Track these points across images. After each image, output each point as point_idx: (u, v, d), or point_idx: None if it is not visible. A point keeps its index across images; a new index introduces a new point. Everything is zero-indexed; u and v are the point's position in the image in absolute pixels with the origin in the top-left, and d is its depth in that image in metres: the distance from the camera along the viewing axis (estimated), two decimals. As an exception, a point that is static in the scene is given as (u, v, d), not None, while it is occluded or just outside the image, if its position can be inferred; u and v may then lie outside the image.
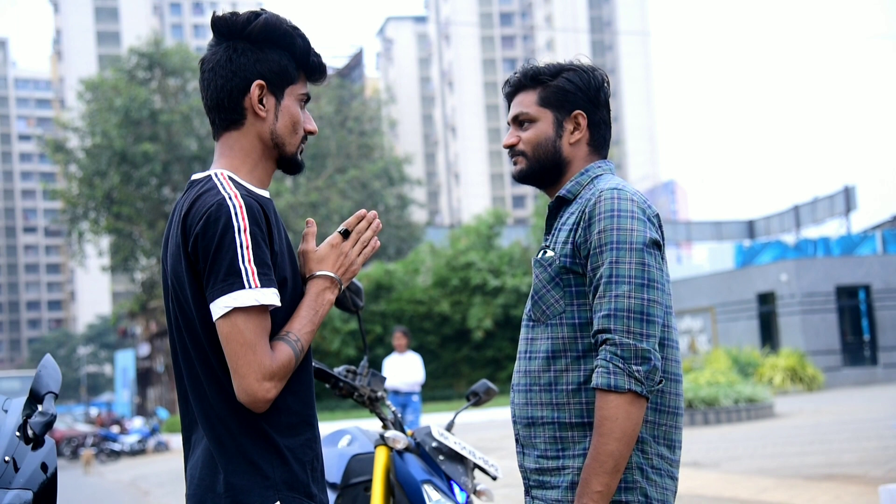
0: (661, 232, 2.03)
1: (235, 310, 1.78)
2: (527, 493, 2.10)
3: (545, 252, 2.09)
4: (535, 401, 2.05)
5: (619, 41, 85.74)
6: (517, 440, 2.12)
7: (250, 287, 1.78)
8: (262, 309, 1.81)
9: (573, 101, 2.14)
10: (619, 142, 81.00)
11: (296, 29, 1.97)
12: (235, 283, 1.78)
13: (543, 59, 2.25)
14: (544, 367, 2.03)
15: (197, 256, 1.83)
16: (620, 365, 1.88)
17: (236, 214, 1.81)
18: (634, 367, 1.87)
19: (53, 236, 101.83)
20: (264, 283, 1.80)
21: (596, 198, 2.00)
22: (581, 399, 1.99)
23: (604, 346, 1.91)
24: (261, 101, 1.94)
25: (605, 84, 2.17)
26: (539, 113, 2.14)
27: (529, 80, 2.17)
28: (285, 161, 2.00)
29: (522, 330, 2.13)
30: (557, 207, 2.14)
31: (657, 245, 1.98)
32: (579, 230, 2.01)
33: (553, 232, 2.12)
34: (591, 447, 1.91)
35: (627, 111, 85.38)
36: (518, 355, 2.13)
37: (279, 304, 1.84)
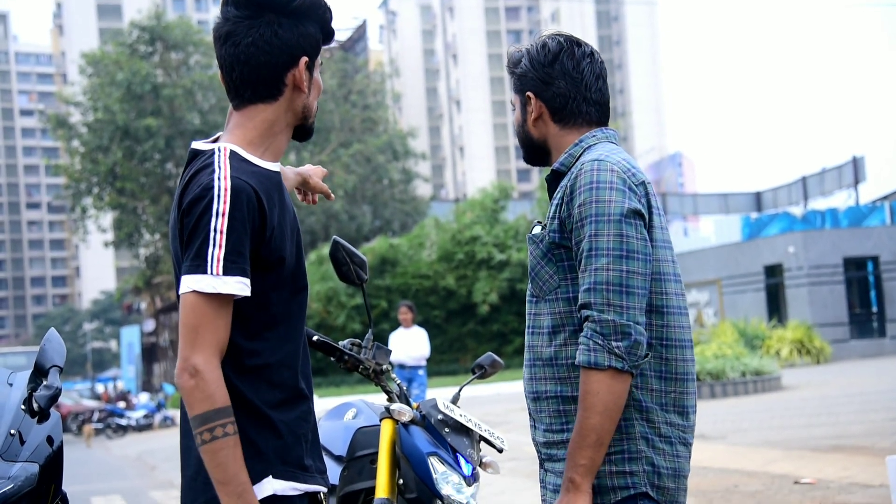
0: (649, 199, 2.01)
1: (194, 291, 1.79)
2: (541, 465, 2.12)
3: (536, 228, 2.10)
4: (538, 375, 2.07)
5: (625, 11, 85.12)
6: (529, 414, 2.15)
7: (211, 274, 1.78)
8: (220, 297, 1.80)
9: (524, 82, 2.16)
10: (626, 113, 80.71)
11: (326, 3, 1.98)
12: (200, 266, 1.79)
13: (548, 31, 2.21)
14: (546, 342, 2.05)
15: (182, 233, 1.85)
16: (600, 342, 1.89)
17: (219, 197, 1.79)
18: (614, 344, 1.88)
19: (57, 212, 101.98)
20: (228, 271, 1.79)
21: (578, 171, 2.01)
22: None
23: (585, 322, 1.93)
24: (304, 77, 1.95)
25: (564, 52, 2.12)
26: (515, 100, 2.20)
27: (509, 71, 2.23)
28: (304, 130, 2.02)
29: (527, 305, 2.14)
30: (555, 181, 2.14)
31: (638, 214, 1.96)
32: (563, 205, 2.02)
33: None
34: (575, 422, 1.93)
35: (634, 82, 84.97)
36: (525, 331, 2.14)
37: (246, 293, 1.82)
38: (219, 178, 1.81)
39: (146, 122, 33.43)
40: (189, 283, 1.79)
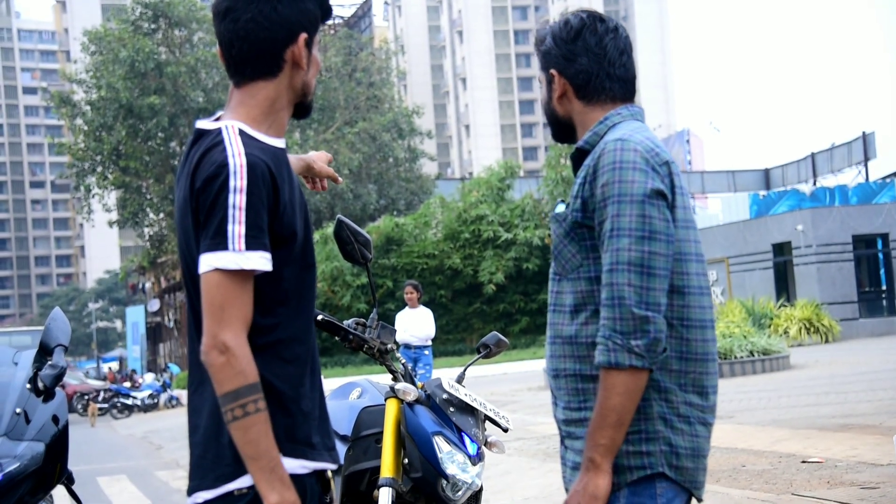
0: (672, 179, 2.01)
1: (217, 269, 1.80)
2: (561, 442, 2.14)
3: (559, 206, 2.11)
4: (559, 353, 2.08)
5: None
6: (551, 391, 2.16)
7: (234, 250, 1.79)
8: (243, 273, 1.81)
9: (548, 59, 2.18)
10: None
11: None
12: (221, 243, 1.80)
13: (554, 8, 2.16)
14: (568, 321, 2.07)
15: (197, 212, 1.85)
16: (619, 341, 1.90)
17: (236, 174, 1.80)
18: (633, 343, 1.89)
19: (61, 191, 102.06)
20: (251, 246, 1.81)
21: (601, 150, 2.02)
22: None
23: (602, 321, 1.93)
24: (302, 54, 1.97)
25: (587, 28, 2.14)
26: (541, 78, 2.22)
27: (535, 49, 2.25)
28: (303, 107, 2.02)
29: (550, 283, 2.16)
30: (580, 159, 2.14)
31: (661, 195, 1.97)
32: (587, 184, 2.02)
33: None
34: (596, 401, 1.94)
35: (641, 59, 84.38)
36: (548, 309, 2.16)
37: (268, 268, 1.84)
38: (233, 155, 1.82)
39: (150, 100, 33.32)
40: (211, 260, 1.79)
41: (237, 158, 1.81)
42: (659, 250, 1.93)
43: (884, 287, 27.21)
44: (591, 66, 2.11)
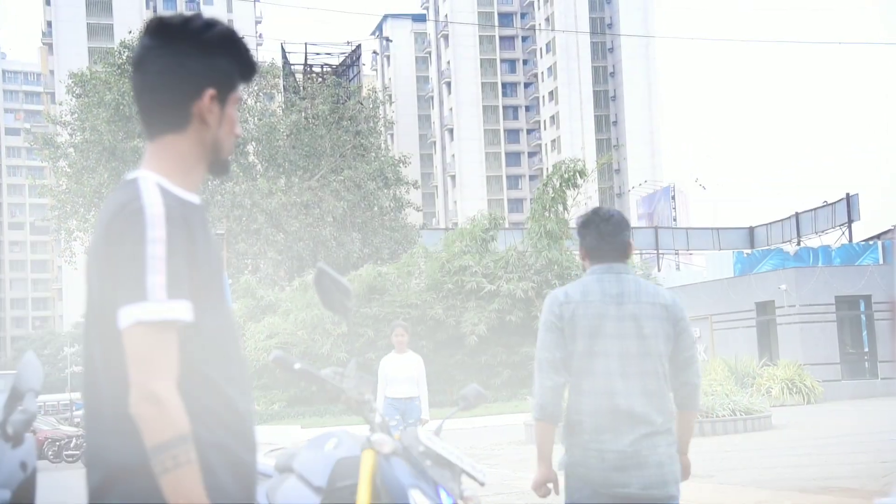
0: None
1: (139, 322, 1.76)
2: None
3: None
4: None
5: (621, 43, 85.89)
6: None
7: (155, 300, 1.76)
8: (166, 324, 1.78)
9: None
10: (620, 146, 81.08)
11: (241, 38, 2.00)
12: (141, 294, 1.77)
13: (543, 62, 2.19)
14: None
15: (113, 264, 1.81)
16: None
17: (153, 224, 1.79)
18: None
19: (40, 233, 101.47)
20: (173, 295, 1.78)
21: None
22: None
23: None
24: (209, 109, 1.95)
25: (585, 219, 3.50)
26: None
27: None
28: (218, 164, 2.01)
29: None
30: None
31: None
32: None
33: None
34: None
35: (628, 115, 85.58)
36: None
37: (189, 318, 1.81)
38: (150, 205, 1.81)
39: (134, 143, 33.36)
40: (132, 313, 1.76)
41: (154, 208, 1.80)
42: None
43: (866, 349, 27.23)
44: (588, 241, 3.47)
